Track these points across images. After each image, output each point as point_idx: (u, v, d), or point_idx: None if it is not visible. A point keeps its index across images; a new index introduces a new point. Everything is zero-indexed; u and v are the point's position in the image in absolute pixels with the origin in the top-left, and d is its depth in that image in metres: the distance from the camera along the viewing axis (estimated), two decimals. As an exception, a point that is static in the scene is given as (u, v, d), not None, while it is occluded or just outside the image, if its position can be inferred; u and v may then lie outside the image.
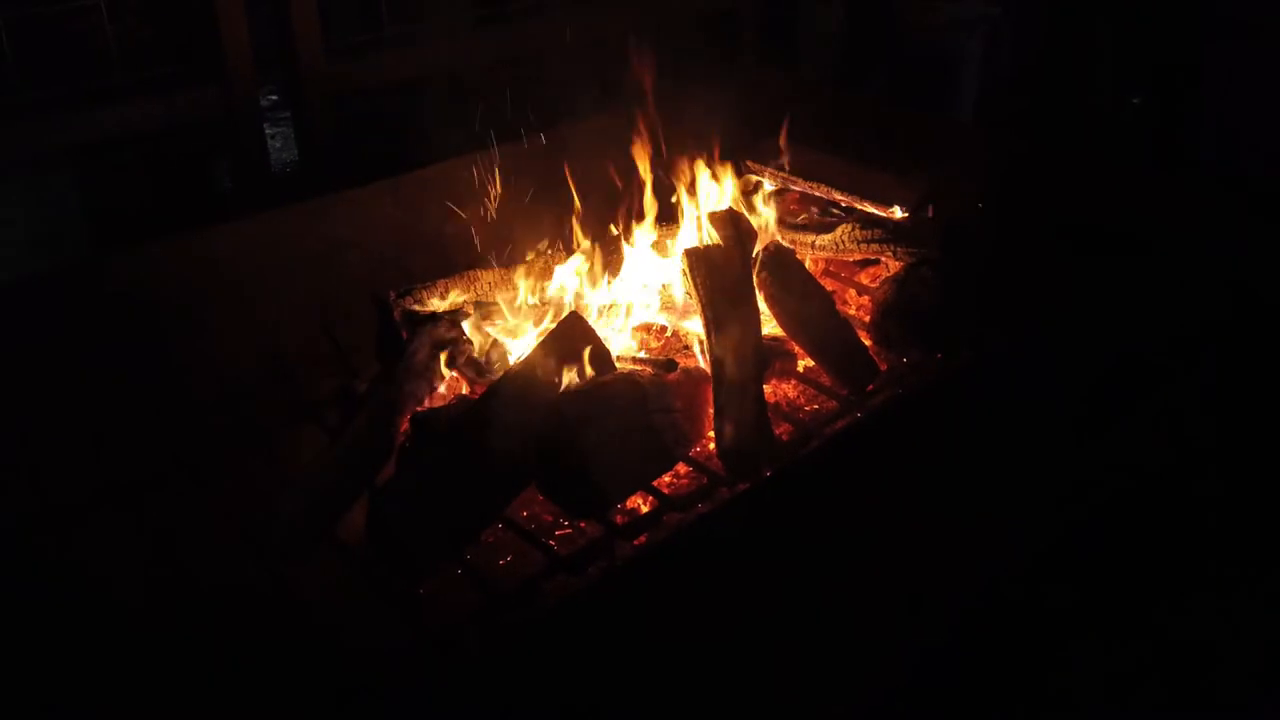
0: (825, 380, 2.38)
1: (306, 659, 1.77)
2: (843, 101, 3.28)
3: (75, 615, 1.85)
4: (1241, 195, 2.91)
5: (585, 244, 2.51)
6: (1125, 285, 2.64)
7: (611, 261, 2.53)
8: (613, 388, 2.09)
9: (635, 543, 1.95)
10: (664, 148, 2.59)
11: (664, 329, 2.49)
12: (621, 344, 2.42)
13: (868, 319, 2.54)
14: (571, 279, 2.48)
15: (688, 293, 2.40)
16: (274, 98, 4.14)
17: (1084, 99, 4.12)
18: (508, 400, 2.02)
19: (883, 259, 2.67)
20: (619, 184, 2.59)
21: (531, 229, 2.56)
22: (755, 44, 3.55)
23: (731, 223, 2.46)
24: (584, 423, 1.98)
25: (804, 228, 2.79)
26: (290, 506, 1.99)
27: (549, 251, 2.52)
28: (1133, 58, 4.09)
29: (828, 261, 2.83)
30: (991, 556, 2.44)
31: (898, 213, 2.71)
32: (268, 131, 3.44)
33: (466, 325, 2.30)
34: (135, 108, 2.82)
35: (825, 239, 2.70)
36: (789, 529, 2.05)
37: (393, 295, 2.38)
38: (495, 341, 2.33)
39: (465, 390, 2.29)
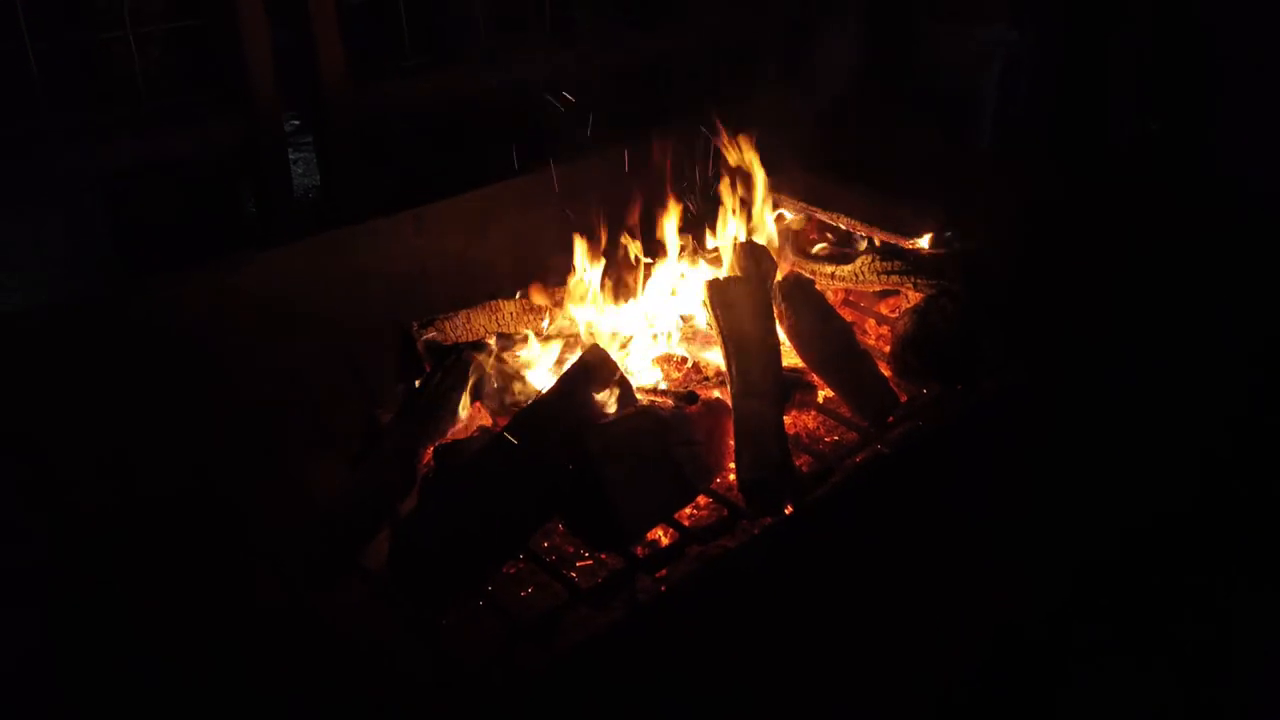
0: (845, 411, 2.39)
1: (329, 687, 1.78)
2: (861, 130, 3.28)
3: (93, 633, 1.87)
4: (1266, 220, 2.91)
5: (607, 276, 2.53)
6: (1147, 313, 2.64)
7: (632, 293, 2.54)
8: (634, 420, 2.10)
9: (656, 575, 1.96)
10: (686, 179, 2.61)
11: (685, 360, 2.50)
12: (643, 376, 2.43)
13: (887, 349, 2.55)
14: (594, 310, 2.50)
15: (708, 324, 2.41)
16: (296, 123, 4.17)
17: (1102, 125, 4.11)
18: (530, 433, 2.04)
19: (902, 290, 2.68)
20: (640, 215, 2.61)
21: (553, 259, 2.57)
22: (775, 74, 3.57)
23: (752, 254, 2.48)
24: (605, 456, 1.99)
25: (823, 258, 2.80)
26: (314, 535, 2.00)
27: (570, 283, 2.54)
28: (1151, 84, 4.09)
29: (847, 291, 2.84)
30: (1014, 591, 2.44)
31: (920, 244, 2.71)
32: (289, 157, 3.46)
33: (489, 357, 2.31)
34: (161, 135, 2.85)
35: (845, 270, 2.71)
36: (811, 565, 2.06)
37: (415, 326, 2.40)
38: (517, 373, 2.35)
39: (488, 422, 2.30)
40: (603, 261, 2.55)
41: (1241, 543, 2.72)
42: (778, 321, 2.39)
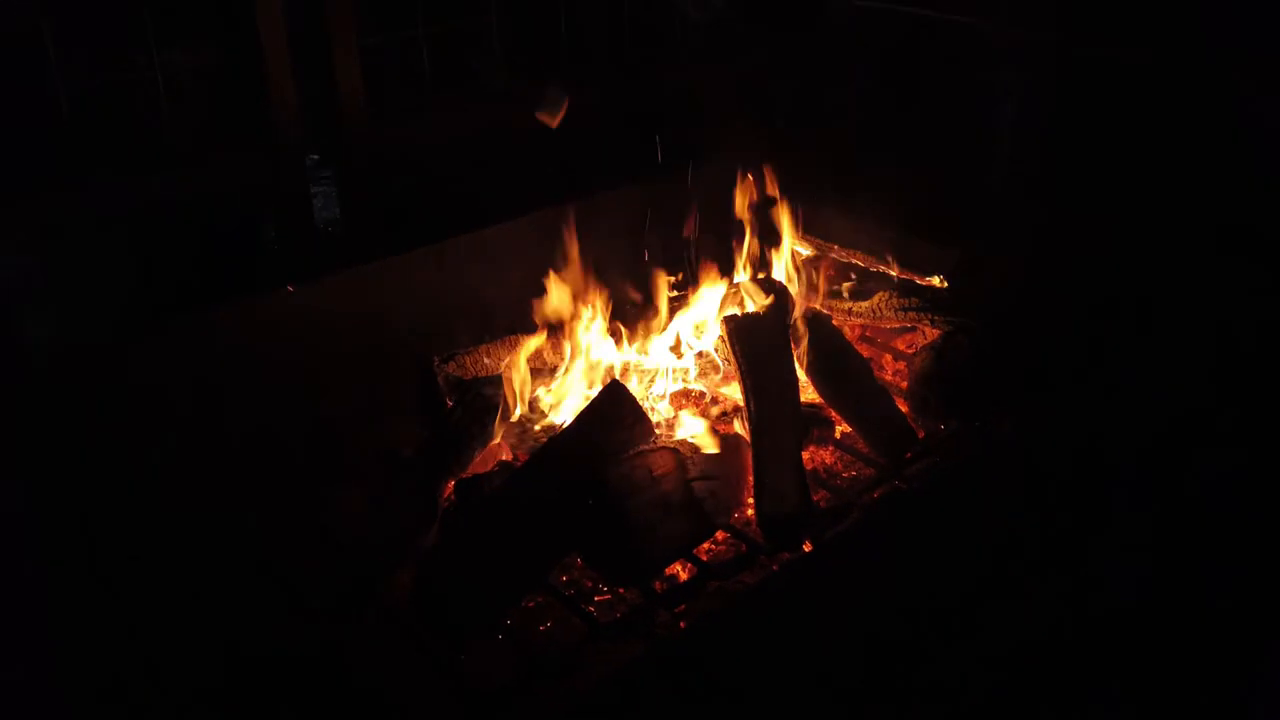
0: (863, 447, 2.39)
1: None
2: (875, 169, 3.31)
3: (106, 656, 1.88)
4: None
5: (624, 312, 2.55)
6: (1166, 350, 2.65)
7: (652, 328, 2.56)
8: (653, 456, 2.11)
9: (675, 610, 1.96)
10: (704, 214, 2.63)
11: (703, 396, 2.51)
12: (662, 411, 2.44)
13: (905, 385, 2.56)
14: (613, 345, 2.52)
15: (726, 360, 2.42)
16: (315, 157, 4.22)
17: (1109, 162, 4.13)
18: (550, 468, 2.05)
19: (919, 326, 2.69)
20: (660, 251, 2.63)
21: (574, 294, 2.58)
22: (786, 112, 3.61)
23: (770, 290, 2.50)
24: (625, 491, 2.00)
25: (841, 294, 2.82)
26: (336, 568, 2.01)
27: (594, 317, 2.55)
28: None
29: (864, 327, 2.85)
30: (1031, 621, 2.44)
31: (936, 282, 2.73)
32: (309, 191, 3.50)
33: (509, 391, 2.32)
34: (187, 171, 2.89)
35: (862, 306, 2.72)
36: (829, 600, 2.06)
37: (436, 360, 2.41)
38: (537, 407, 2.36)
39: (508, 456, 2.31)
40: (623, 298, 2.57)
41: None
42: (795, 357, 2.40)
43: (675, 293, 2.65)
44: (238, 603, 2.00)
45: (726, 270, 2.70)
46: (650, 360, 2.54)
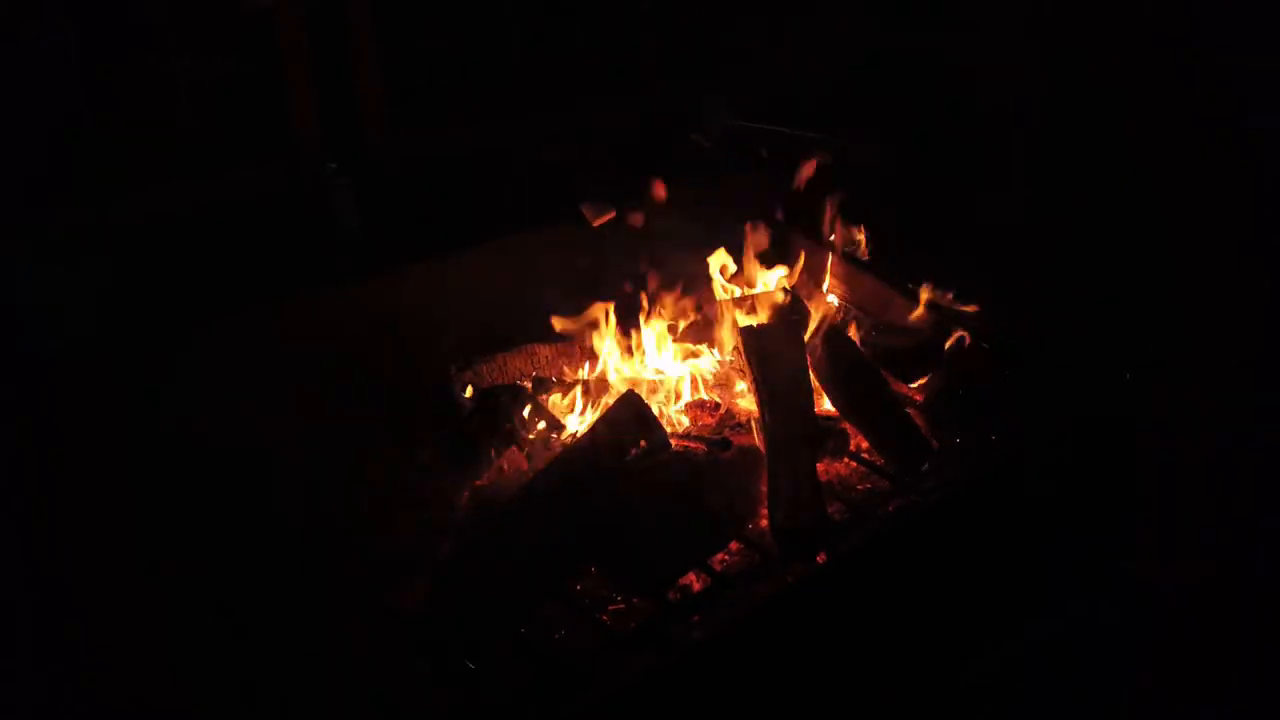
0: (878, 460, 2.39)
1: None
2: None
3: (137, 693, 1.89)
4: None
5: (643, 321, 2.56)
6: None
7: (667, 339, 2.57)
8: (668, 466, 2.12)
9: (689, 620, 1.96)
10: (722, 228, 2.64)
11: (718, 406, 2.52)
12: (676, 421, 2.44)
13: (920, 398, 2.56)
14: (629, 355, 2.52)
15: (742, 370, 2.43)
16: (334, 165, 4.24)
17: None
18: (564, 478, 2.06)
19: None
20: (674, 264, 2.64)
21: (590, 304, 2.60)
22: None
23: (786, 301, 2.50)
24: (639, 501, 2.01)
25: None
26: (350, 575, 2.02)
27: (608, 328, 2.56)
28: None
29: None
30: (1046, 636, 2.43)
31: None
32: (327, 200, 3.51)
33: (524, 401, 2.33)
34: (206, 180, 2.91)
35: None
36: (843, 612, 2.06)
37: (453, 369, 2.42)
38: (553, 417, 2.37)
39: (524, 465, 2.32)
40: (641, 310, 2.58)
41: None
42: (811, 369, 2.41)
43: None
44: (255, 611, 2.01)
45: (742, 283, 2.70)
46: (666, 370, 2.54)
